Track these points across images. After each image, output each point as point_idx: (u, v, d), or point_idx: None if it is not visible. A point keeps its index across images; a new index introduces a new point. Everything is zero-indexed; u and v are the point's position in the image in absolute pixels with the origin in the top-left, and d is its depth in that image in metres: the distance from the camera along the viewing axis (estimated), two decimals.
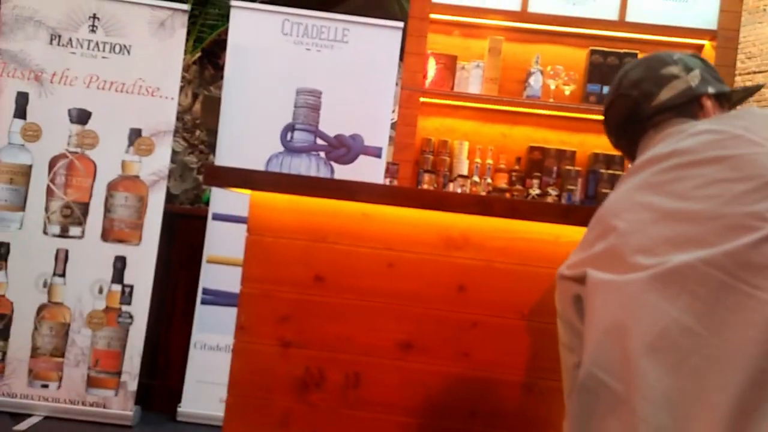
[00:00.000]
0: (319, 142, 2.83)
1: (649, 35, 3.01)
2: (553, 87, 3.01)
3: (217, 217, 2.79)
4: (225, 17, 2.99)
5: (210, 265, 2.77)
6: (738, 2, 3.01)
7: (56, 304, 2.72)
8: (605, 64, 3.00)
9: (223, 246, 2.75)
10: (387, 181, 2.68)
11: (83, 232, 2.74)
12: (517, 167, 3.02)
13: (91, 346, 2.71)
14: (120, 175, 2.77)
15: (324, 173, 2.81)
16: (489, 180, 2.97)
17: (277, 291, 1.40)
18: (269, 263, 1.42)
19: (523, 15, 3.02)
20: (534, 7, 3.01)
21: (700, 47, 3.07)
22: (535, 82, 3.00)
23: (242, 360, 1.38)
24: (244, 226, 1.46)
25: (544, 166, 2.98)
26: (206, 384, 2.72)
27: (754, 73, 4.07)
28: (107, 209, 2.75)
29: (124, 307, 2.72)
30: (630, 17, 2.98)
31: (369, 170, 2.77)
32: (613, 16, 2.99)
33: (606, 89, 3.01)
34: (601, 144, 3.04)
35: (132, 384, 2.69)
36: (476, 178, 2.95)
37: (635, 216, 0.86)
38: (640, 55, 3.03)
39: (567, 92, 3.01)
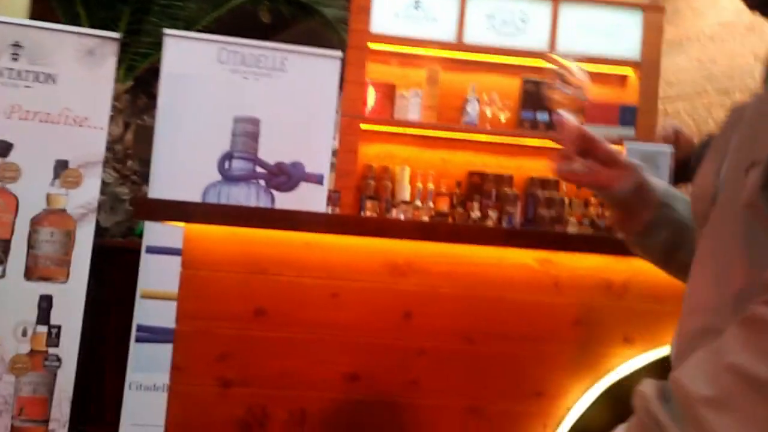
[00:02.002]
0: (259, 170, 2.77)
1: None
2: (489, 114, 3.09)
3: (152, 250, 2.67)
4: (158, 45, 2.91)
5: (145, 300, 2.64)
6: (658, 35, 3.21)
7: None
8: (538, 92, 3.11)
9: (159, 280, 2.62)
10: (329, 210, 2.66)
11: (4, 271, 2.56)
12: (457, 191, 3.06)
13: (15, 393, 2.50)
14: (45, 209, 2.61)
15: (264, 202, 2.74)
16: (431, 204, 3.00)
17: (215, 327, 1.33)
18: (206, 299, 1.36)
19: (458, 46, 3.10)
20: (469, 39, 3.10)
21: (625, 77, 3.24)
22: (472, 109, 3.07)
23: (179, 403, 1.30)
24: (180, 258, 1.39)
25: (483, 189, 3.04)
26: (144, 427, 2.56)
27: (675, 99, 4.32)
28: (31, 246, 2.58)
29: (51, 350, 2.54)
30: (559, 48, 3.11)
31: (310, 197, 2.73)
32: (544, 47, 3.11)
33: (539, 116, 3.12)
34: (537, 168, 3.13)
35: None
36: (418, 203, 2.97)
37: None
38: None
39: (503, 119, 3.10)
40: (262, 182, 2.77)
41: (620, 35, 3.17)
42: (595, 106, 3.10)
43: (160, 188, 2.68)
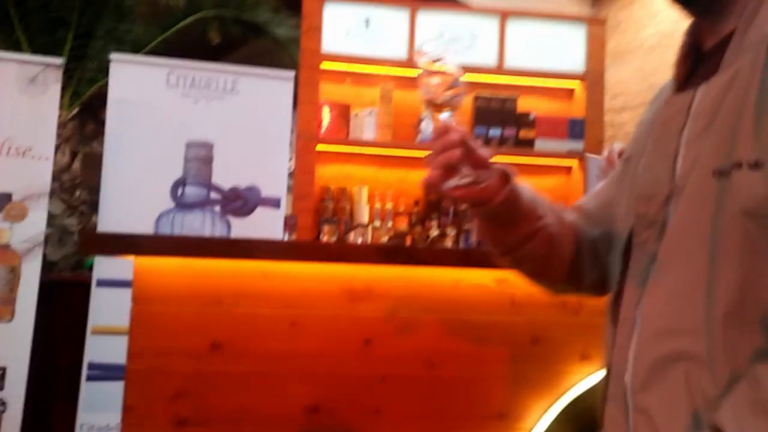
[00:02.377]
0: (213, 195, 2.72)
1: (526, 79, 3.22)
2: None
3: (103, 283, 2.57)
4: (105, 70, 2.84)
5: (96, 336, 2.54)
6: (601, 48, 3.31)
7: None
8: (489, 108, 3.17)
9: (111, 314, 2.53)
10: (286, 235, 2.62)
11: None
12: (416, 210, 3.07)
13: None
14: None
15: (219, 228, 2.69)
16: (390, 224, 2.99)
17: (169, 364, 1.29)
18: (159, 334, 1.31)
19: (409, 63, 3.12)
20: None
21: (572, 90, 3.33)
22: (426, 126, 3.09)
23: None
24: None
25: (441, 207, 3.06)
26: None
27: (621, 110, 4.47)
28: None
29: None
30: (508, 64, 3.18)
31: (267, 222, 2.69)
32: (493, 63, 3.17)
33: (492, 131, 3.17)
34: None
35: None
36: (377, 223, 2.96)
37: None
38: (520, 99, 3.23)
39: None
40: (217, 208, 2.71)
41: (565, 49, 3.26)
42: (545, 121, 3.18)
43: (110, 218, 2.60)
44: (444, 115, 0.76)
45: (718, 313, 0.58)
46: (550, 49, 3.24)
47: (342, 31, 3.11)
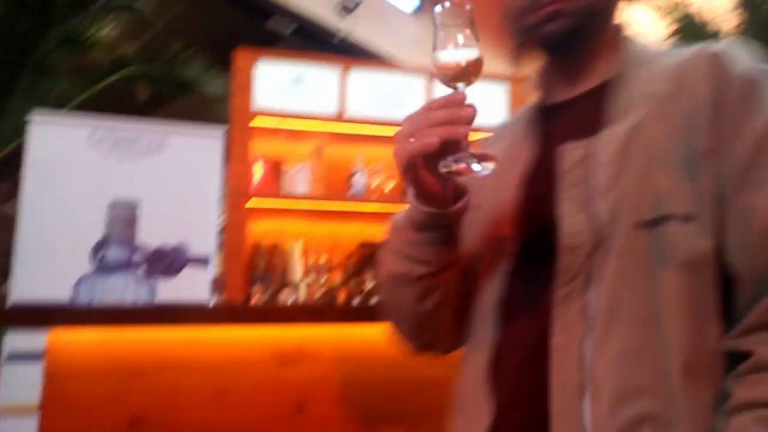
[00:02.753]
0: (137, 257, 2.61)
1: None
2: (374, 185, 3.16)
3: (15, 357, 2.38)
4: (23, 128, 2.72)
5: (5, 417, 2.33)
6: (522, 104, 3.50)
7: None
8: None
9: (24, 391, 2.33)
10: (214, 296, 2.54)
11: None
12: (350, 262, 3.06)
13: None
14: None
15: (143, 292, 2.57)
16: (325, 278, 2.97)
17: None
18: (73, 412, 1.22)
19: (340, 119, 3.18)
20: (351, 112, 3.19)
21: None
22: (359, 180, 3.13)
23: None
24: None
25: (375, 260, 3.06)
26: None
27: None
28: None
29: None
30: None
31: (195, 282, 2.60)
32: None
33: None
34: None
35: None
36: (312, 277, 2.93)
37: None
38: None
39: (386, 189, 3.18)
40: (140, 271, 2.60)
41: (489, 105, 3.42)
42: None
43: (24, 285, 2.44)
44: (460, 85, 0.69)
45: (674, 369, 0.56)
46: (475, 105, 3.39)
47: (272, 87, 3.14)
